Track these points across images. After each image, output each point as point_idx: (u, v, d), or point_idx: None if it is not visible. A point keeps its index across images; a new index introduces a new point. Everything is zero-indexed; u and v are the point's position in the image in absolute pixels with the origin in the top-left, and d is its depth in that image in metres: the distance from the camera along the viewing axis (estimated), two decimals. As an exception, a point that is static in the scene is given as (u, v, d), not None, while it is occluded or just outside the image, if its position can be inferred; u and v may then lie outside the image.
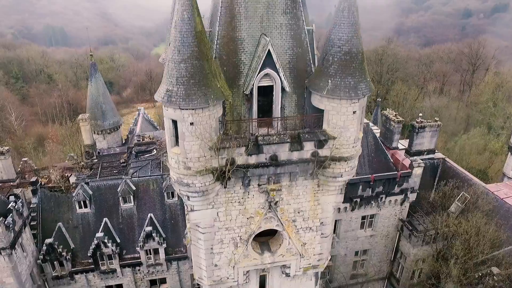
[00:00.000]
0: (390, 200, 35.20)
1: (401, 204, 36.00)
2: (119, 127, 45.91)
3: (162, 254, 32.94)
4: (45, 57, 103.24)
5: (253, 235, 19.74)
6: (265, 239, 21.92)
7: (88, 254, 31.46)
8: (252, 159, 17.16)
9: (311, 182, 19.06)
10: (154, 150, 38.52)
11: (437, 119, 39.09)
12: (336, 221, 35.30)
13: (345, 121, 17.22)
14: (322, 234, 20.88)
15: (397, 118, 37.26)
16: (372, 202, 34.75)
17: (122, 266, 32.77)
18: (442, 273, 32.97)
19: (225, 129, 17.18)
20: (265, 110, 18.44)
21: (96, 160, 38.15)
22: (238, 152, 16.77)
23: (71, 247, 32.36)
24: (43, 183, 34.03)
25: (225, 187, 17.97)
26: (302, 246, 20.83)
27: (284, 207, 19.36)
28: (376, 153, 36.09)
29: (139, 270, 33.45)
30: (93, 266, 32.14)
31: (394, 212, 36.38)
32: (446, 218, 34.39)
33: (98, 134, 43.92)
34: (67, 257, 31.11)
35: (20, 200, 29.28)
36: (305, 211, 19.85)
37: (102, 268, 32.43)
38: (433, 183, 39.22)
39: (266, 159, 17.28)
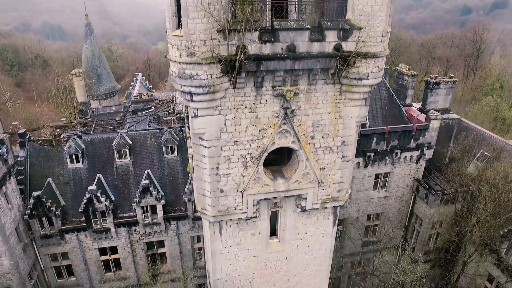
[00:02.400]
0: (406, 157, 32.79)
1: (417, 162, 33.60)
2: (115, 94, 43.56)
3: (160, 212, 30.31)
4: (41, 45, 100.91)
5: (266, 153, 17.26)
6: (278, 168, 19.47)
7: (80, 210, 28.78)
8: (267, 49, 14.76)
9: (332, 88, 16.66)
10: (152, 107, 36.09)
11: (452, 75, 36.88)
12: (347, 179, 32.84)
13: (372, 6, 14.87)
14: (343, 157, 18.42)
15: (411, 71, 35.03)
16: (387, 158, 32.35)
17: (117, 225, 30.09)
18: (463, 234, 30.56)
19: (234, 14, 14.70)
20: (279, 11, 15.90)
21: (90, 119, 35.66)
22: (251, 38, 14.36)
23: (61, 204, 29.71)
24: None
25: (234, 87, 15.54)
26: (320, 170, 18.35)
27: (301, 118, 16.92)
28: (389, 106, 33.78)
29: (135, 230, 30.78)
30: (85, 224, 29.45)
31: (409, 171, 33.97)
32: (465, 177, 32.06)
33: (93, 99, 41.55)
34: (56, 212, 28.44)
35: (5, 146, 26.67)
36: (325, 126, 17.41)
37: (95, 227, 29.75)
38: (449, 145, 36.88)
39: (282, 49, 14.88)
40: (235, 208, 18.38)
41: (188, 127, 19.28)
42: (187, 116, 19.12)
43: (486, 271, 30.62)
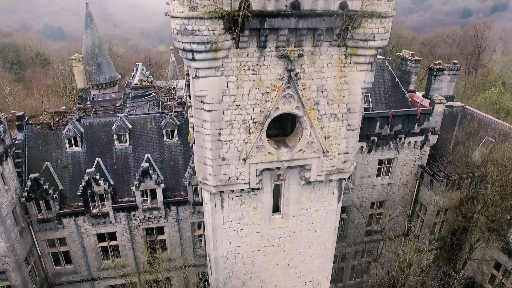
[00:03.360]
0: (410, 142, 32.22)
1: (421, 147, 33.03)
2: (116, 83, 43.16)
3: (160, 197, 29.71)
4: (42, 44, 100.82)
5: (269, 119, 16.77)
6: (281, 139, 18.97)
7: (78, 193, 28.20)
8: (271, 5, 14.33)
9: (338, 51, 16.22)
10: (153, 93, 35.65)
11: (456, 61, 36.47)
12: (351, 165, 32.31)
13: (380, -38, 14.47)
14: (348, 125, 17.93)
15: (414, 57, 34.62)
16: (391, 142, 31.78)
17: (116, 210, 29.48)
18: (469, 219, 29.95)
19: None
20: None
21: (90, 105, 35.19)
22: (254, -8, 13.94)
23: (60, 188, 29.14)
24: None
25: (237, 47, 15.09)
26: (325, 139, 17.84)
27: (305, 81, 16.45)
28: (393, 90, 33.33)
29: (134, 215, 30.17)
30: (83, 208, 28.85)
31: (414, 157, 33.39)
32: (470, 163, 31.56)
33: (93, 88, 41.12)
34: (54, 195, 27.86)
35: (2, 125, 26.18)
36: (330, 91, 16.93)
37: (93, 211, 29.14)
38: (453, 133, 36.40)
39: (286, 6, 14.45)
40: (237, 178, 17.85)
41: (189, 95, 18.84)
42: (188, 85, 18.71)
43: (493, 257, 29.96)
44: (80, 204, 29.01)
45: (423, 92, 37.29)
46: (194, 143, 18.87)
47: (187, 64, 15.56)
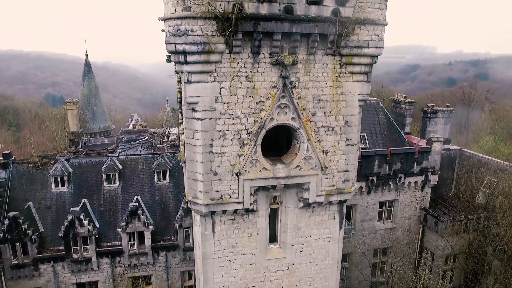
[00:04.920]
0: (410, 182, 31.17)
1: (422, 189, 31.90)
2: (110, 133, 42.85)
3: (148, 241, 27.65)
4: (42, 107, 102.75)
5: (264, 130, 15.99)
6: (277, 158, 18.02)
7: (59, 235, 26.17)
8: (264, 9, 14.38)
9: (332, 60, 16.04)
10: (146, 137, 35.13)
11: (448, 104, 36.92)
12: (350, 207, 30.89)
13: (369, -28, 14.91)
14: (347, 140, 17.14)
15: (407, 99, 35.03)
16: (390, 183, 30.70)
17: (99, 255, 27.22)
18: (481, 266, 27.85)
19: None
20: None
21: (81, 149, 34.38)
22: (247, -5, 14.07)
23: (40, 230, 27.17)
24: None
25: (230, 52, 14.85)
26: (323, 154, 16.92)
27: (300, 91, 16.00)
28: (389, 131, 33.07)
29: (119, 261, 27.77)
30: (63, 253, 26.60)
31: (415, 199, 32.09)
32: (474, 205, 30.35)
33: (86, 136, 40.65)
34: (33, 237, 25.80)
35: (-15, 160, 25.09)
36: (326, 102, 16.42)
37: (75, 256, 26.83)
38: (452, 176, 35.52)
39: (279, 10, 14.52)
40: (230, 196, 16.51)
41: (181, 112, 18.25)
42: (180, 102, 18.22)
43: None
44: (60, 248, 26.87)
45: (420, 136, 37.14)
46: (184, 162, 17.83)
47: (179, 69, 15.17)
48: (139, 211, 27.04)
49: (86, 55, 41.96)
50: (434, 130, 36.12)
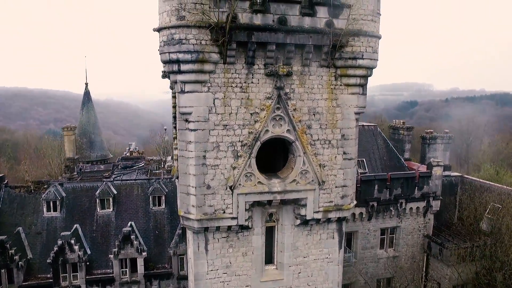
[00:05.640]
0: (411, 208, 30.38)
1: (424, 215, 31.05)
2: (107, 161, 42.48)
3: (140, 268, 26.51)
4: (42, 140, 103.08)
5: (258, 142, 15.66)
6: (272, 174, 17.55)
7: (48, 261, 25.12)
8: (258, 19, 14.51)
9: (327, 72, 16.00)
10: (143, 164, 34.72)
11: (447, 130, 36.81)
12: (351, 233, 29.92)
13: (361, -14, 15.22)
14: (344, 153, 16.74)
15: (405, 125, 34.96)
16: (391, 208, 29.92)
17: (89, 283, 26.01)
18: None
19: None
20: None
21: (76, 175, 33.87)
22: (241, 6, 14.25)
23: (28, 257, 26.13)
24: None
25: (224, 62, 14.84)
26: (320, 168, 16.47)
27: (296, 102, 15.83)
28: (388, 156, 32.69)
29: (109, 291, 26.46)
30: (51, 281, 25.41)
31: (418, 226, 31.15)
32: (479, 233, 29.44)
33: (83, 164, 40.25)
34: (20, 263, 24.74)
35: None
36: (322, 114, 16.21)
37: (63, 284, 25.60)
38: (455, 202, 34.75)
39: (273, 21, 14.65)
40: (224, 212, 15.88)
41: (175, 127, 18.01)
42: (174, 116, 18.02)
43: None
44: (48, 276, 25.72)
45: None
46: (177, 178, 17.35)
47: (173, 80, 15.09)
48: (132, 236, 26.12)
49: (86, 84, 42.59)
50: (433, 157, 35.66)
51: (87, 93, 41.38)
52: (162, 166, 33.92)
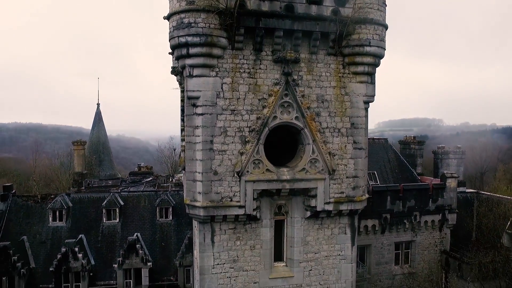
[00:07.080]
0: (426, 221, 29.26)
1: (440, 229, 29.85)
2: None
3: (145, 279, 25.61)
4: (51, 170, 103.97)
5: (267, 128, 15.50)
6: (282, 165, 17.23)
7: (51, 269, 24.47)
8: (265, 6, 14.84)
9: (335, 60, 16.09)
10: (151, 178, 34.54)
11: (459, 146, 36.19)
12: (364, 247, 28.76)
13: (367, -25, 15.60)
14: (355, 143, 16.45)
15: (416, 139, 34.53)
16: (405, 221, 28.86)
17: (91, 294, 25.07)
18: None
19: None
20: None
21: (84, 190, 33.69)
22: (249, -8, 14.64)
23: (31, 266, 25.49)
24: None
25: (233, 48, 15.05)
26: (330, 156, 16.13)
27: (304, 89, 15.80)
28: (400, 168, 32.01)
29: (112, 303, 25.47)
30: (53, 290, 24.59)
31: (434, 240, 29.86)
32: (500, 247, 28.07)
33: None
34: (22, 271, 24.12)
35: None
36: (331, 102, 16.11)
37: (65, 294, 24.76)
38: (472, 216, 33.45)
39: (280, 8, 14.95)
40: (231, 199, 15.47)
41: (183, 120, 18.01)
42: (183, 109, 18.06)
43: None
44: (50, 286, 24.91)
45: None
46: (184, 169, 17.11)
47: (182, 65, 15.25)
48: (137, 246, 25.48)
49: (98, 104, 43.52)
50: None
51: (98, 113, 42.18)
52: (170, 180, 33.67)
